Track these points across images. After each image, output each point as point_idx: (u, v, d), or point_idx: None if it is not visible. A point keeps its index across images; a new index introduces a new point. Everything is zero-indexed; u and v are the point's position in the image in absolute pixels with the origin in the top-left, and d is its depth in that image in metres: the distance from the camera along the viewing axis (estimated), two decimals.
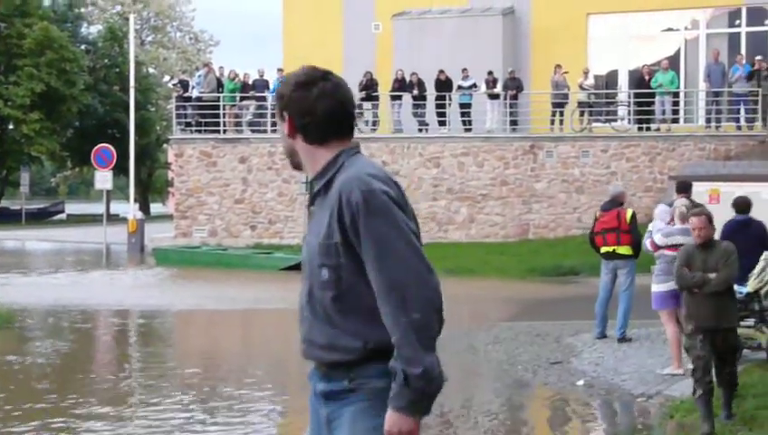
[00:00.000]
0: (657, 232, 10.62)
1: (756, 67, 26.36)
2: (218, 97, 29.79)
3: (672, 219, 10.62)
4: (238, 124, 30.37)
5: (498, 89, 28.65)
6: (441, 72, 28.79)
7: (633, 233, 12.38)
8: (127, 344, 15.10)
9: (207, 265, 25.09)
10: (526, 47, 31.81)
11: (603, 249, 12.53)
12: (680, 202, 10.71)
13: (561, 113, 28.25)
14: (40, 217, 52.41)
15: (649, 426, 9.07)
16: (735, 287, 10.89)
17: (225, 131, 29.88)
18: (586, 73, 28.48)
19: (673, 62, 29.31)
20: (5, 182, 53.05)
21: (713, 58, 27.73)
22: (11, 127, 47.93)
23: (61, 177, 71.96)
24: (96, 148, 30.08)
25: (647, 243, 10.98)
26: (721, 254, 8.00)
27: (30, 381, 11.21)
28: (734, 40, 30.50)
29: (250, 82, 30.49)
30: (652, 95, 27.38)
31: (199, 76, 30.83)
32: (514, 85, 28.54)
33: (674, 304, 10.32)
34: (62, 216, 56.65)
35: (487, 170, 27.90)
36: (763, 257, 10.45)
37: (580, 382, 10.66)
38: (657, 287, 10.50)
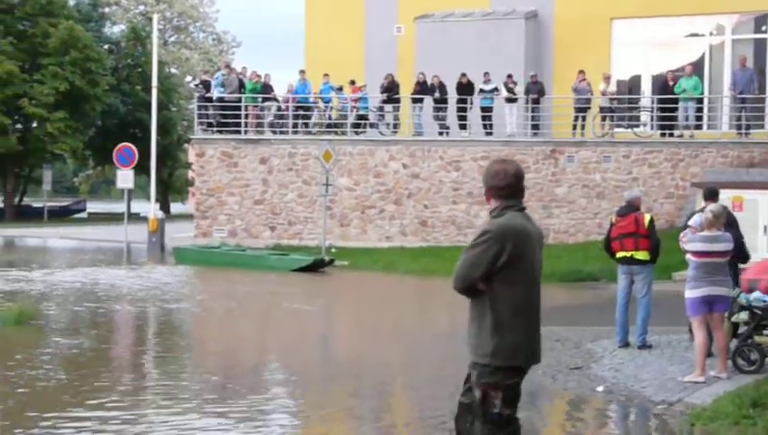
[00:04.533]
0: (685, 238, 10.59)
1: None
2: (240, 98, 29.85)
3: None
4: (259, 125, 30.43)
5: (519, 93, 28.58)
6: (463, 75, 28.74)
7: (651, 238, 12.28)
8: (145, 340, 15.13)
9: (225, 265, 25.15)
10: (549, 51, 31.71)
11: (620, 254, 12.42)
12: (709, 208, 10.63)
13: (584, 118, 28.14)
14: (62, 215, 52.65)
15: (671, 433, 8.99)
16: (743, 295, 10.84)
17: (246, 132, 29.94)
18: (607, 79, 28.34)
19: (697, 67, 29.14)
20: (28, 180, 53.31)
21: (740, 64, 27.50)
22: (35, 125, 48.15)
23: (83, 175, 72.31)
24: (118, 147, 30.21)
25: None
26: None
27: (51, 374, 11.23)
28: (759, 46, 30.30)
29: (271, 84, 30.57)
30: (675, 101, 27.23)
31: (218, 78, 30.86)
32: (536, 89, 28.45)
33: (705, 310, 10.25)
34: (84, 214, 56.91)
35: None
36: None
37: (600, 389, 10.60)
38: (687, 294, 10.43)
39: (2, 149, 45.23)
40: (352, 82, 29.98)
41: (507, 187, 5.57)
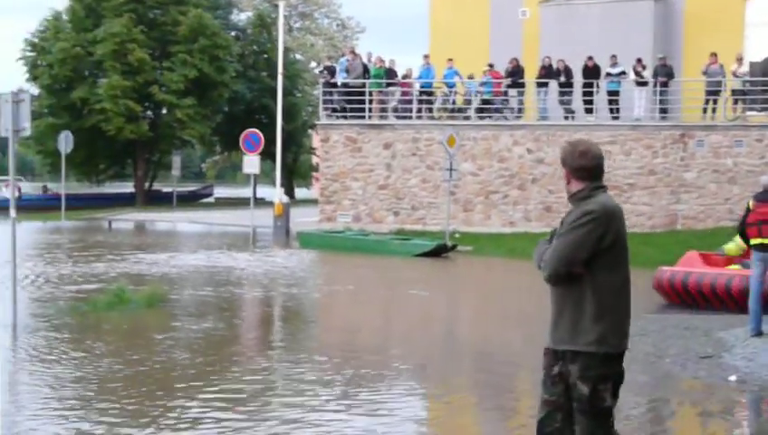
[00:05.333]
0: None
1: None
2: (364, 83, 30.00)
3: None
4: (383, 110, 30.52)
5: (647, 76, 27.98)
6: (589, 58, 28.29)
7: None
8: (270, 324, 15.36)
9: (348, 249, 25.33)
10: (678, 33, 30.96)
11: (756, 241, 12.01)
12: None
13: (714, 101, 27.39)
14: (190, 200, 53.80)
15: None
16: None
17: (370, 117, 30.08)
18: (740, 60, 27.50)
19: None
20: (158, 165, 54.66)
21: None
22: (165, 112, 49.30)
23: (210, 161, 73.81)
24: (244, 132, 30.65)
25: None
26: None
27: (179, 357, 11.48)
28: None
29: (395, 69, 30.64)
30: None
31: (342, 63, 31.06)
32: (665, 72, 27.79)
33: None
34: (211, 199, 58.04)
35: (635, 159, 27.31)
36: None
37: (733, 378, 10.30)
38: None
39: (133, 135, 46.47)
40: (491, 66, 29.75)
41: (596, 167, 5.34)
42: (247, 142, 30.09)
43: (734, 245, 15.24)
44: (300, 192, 63.84)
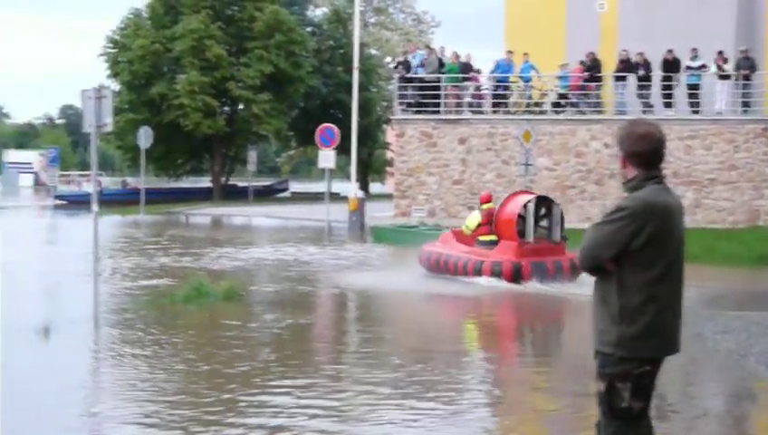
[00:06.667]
0: None
1: None
2: (439, 78, 29.90)
3: None
4: (458, 105, 30.41)
5: (729, 69, 27.45)
6: (669, 51, 27.86)
7: None
8: (345, 319, 15.38)
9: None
10: (761, 25, 30.31)
11: None
12: None
13: None
14: (266, 195, 54.24)
15: None
16: None
17: (445, 112, 29.98)
18: None
19: None
20: (235, 160, 55.18)
21: None
22: (241, 107, 49.75)
23: (285, 156, 74.29)
24: (320, 127, 30.77)
25: None
26: None
27: (255, 351, 11.55)
28: None
29: (471, 63, 30.50)
30: None
31: (417, 58, 30.99)
32: (748, 65, 27.25)
33: None
34: (287, 193, 58.42)
35: (716, 154, 26.83)
36: None
37: None
38: None
39: (210, 130, 46.99)
40: (582, 63, 29.32)
41: (652, 153, 4.96)
42: (323, 137, 30.20)
43: None
44: (374, 187, 63.97)
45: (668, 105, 28.21)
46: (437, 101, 29.95)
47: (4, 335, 11.83)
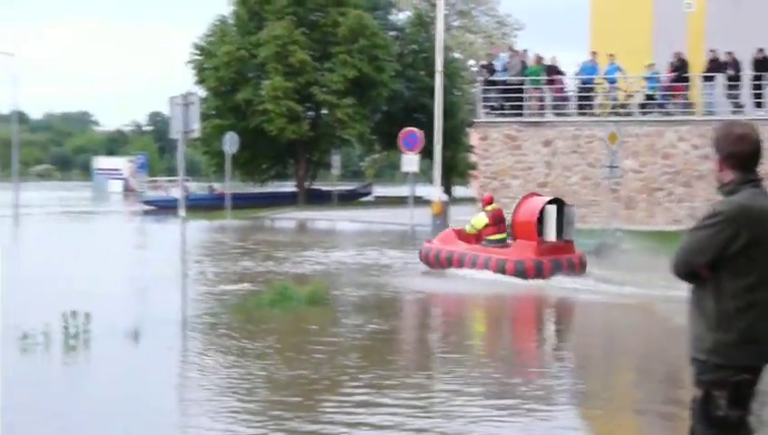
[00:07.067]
0: None
1: None
2: (522, 80, 29.70)
3: None
4: (542, 107, 30.16)
5: None
6: (760, 50, 27.28)
7: None
8: (429, 324, 15.34)
9: None
10: None
11: None
12: None
13: None
14: (350, 199, 54.45)
15: None
16: None
17: (529, 115, 29.77)
18: None
19: None
20: (318, 165, 55.50)
21: None
22: (325, 112, 50.04)
23: (368, 160, 74.50)
24: (403, 131, 30.78)
25: None
26: None
27: (339, 356, 11.57)
28: None
29: (556, 65, 30.26)
30: None
31: (501, 60, 30.83)
32: None
33: None
34: (370, 197, 58.57)
35: None
36: None
37: None
38: None
39: (295, 135, 47.35)
40: (671, 64, 28.87)
41: (750, 155, 4.77)
42: (406, 141, 30.21)
43: None
44: (458, 190, 63.77)
45: (759, 105, 27.62)
46: (521, 103, 29.75)
47: (96, 338, 12.06)
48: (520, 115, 29.80)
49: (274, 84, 46.35)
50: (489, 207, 20.42)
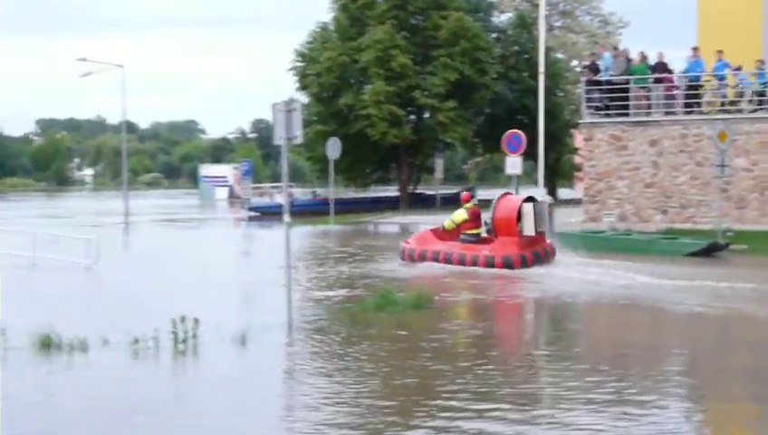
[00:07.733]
0: None
1: None
2: (627, 80, 29.19)
3: None
4: (648, 107, 29.58)
5: None
6: None
7: None
8: (538, 331, 15.17)
9: (611, 249, 24.58)
10: None
11: None
12: None
13: None
14: (453, 202, 54.18)
15: None
16: None
17: (635, 114, 29.25)
18: None
19: None
20: (421, 169, 55.47)
21: None
22: (427, 115, 49.98)
23: (471, 163, 74.24)
24: (507, 133, 30.54)
25: None
26: None
27: (438, 362, 11.51)
28: None
29: (664, 62, 29.65)
30: None
31: (605, 60, 30.35)
32: None
33: None
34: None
35: None
36: None
37: None
38: None
39: (397, 139, 47.42)
40: (761, 62, 28.19)
41: None
42: (509, 143, 29.96)
43: None
44: (563, 192, 63.11)
45: None
46: (626, 103, 29.24)
47: (204, 343, 12.23)
48: (625, 115, 29.28)
49: (376, 89, 46.48)
50: (468, 205, 22.95)
